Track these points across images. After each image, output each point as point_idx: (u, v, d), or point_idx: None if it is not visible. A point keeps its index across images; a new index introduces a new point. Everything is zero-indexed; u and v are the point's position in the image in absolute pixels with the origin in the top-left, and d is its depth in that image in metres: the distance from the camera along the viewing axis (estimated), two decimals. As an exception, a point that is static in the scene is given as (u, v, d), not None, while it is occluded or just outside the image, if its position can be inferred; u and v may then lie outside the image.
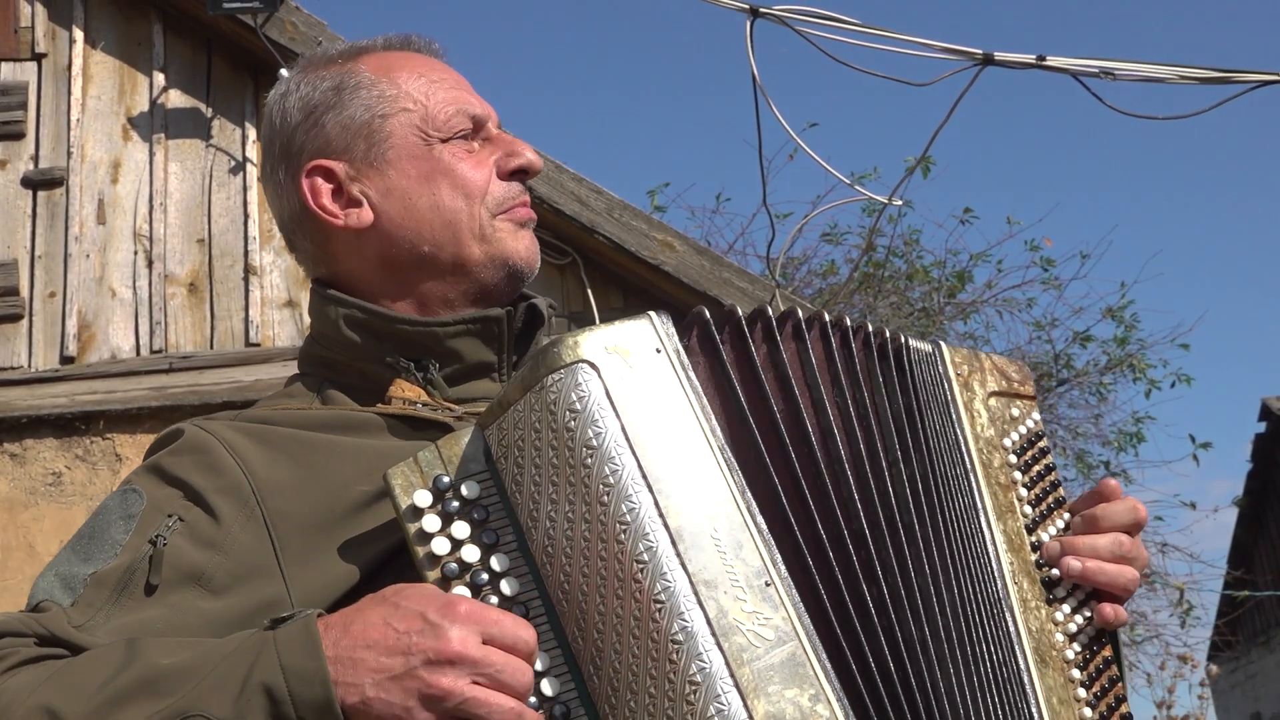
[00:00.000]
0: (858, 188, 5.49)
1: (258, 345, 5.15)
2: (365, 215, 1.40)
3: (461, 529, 1.17)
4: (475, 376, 1.40)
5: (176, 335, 5.18)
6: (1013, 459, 1.39)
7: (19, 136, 5.34)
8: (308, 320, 5.71)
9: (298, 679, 1.08)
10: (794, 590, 1.15)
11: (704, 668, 1.09)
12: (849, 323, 1.29)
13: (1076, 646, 1.33)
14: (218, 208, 5.31)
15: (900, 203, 8.87)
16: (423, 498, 1.17)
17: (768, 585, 1.14)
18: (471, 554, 1.16)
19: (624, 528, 1.12)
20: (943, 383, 1.36)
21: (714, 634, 1.11)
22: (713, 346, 1.22)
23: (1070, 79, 4.22)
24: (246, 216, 5.28)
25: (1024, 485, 1.38)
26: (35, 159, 5.34)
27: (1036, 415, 1.44)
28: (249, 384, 5.01)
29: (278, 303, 5.22)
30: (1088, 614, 1.34)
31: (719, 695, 1.09)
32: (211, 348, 5.16)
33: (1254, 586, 18.32)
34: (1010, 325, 17.27)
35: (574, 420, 1.14)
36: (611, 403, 1.15)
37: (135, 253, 5.25)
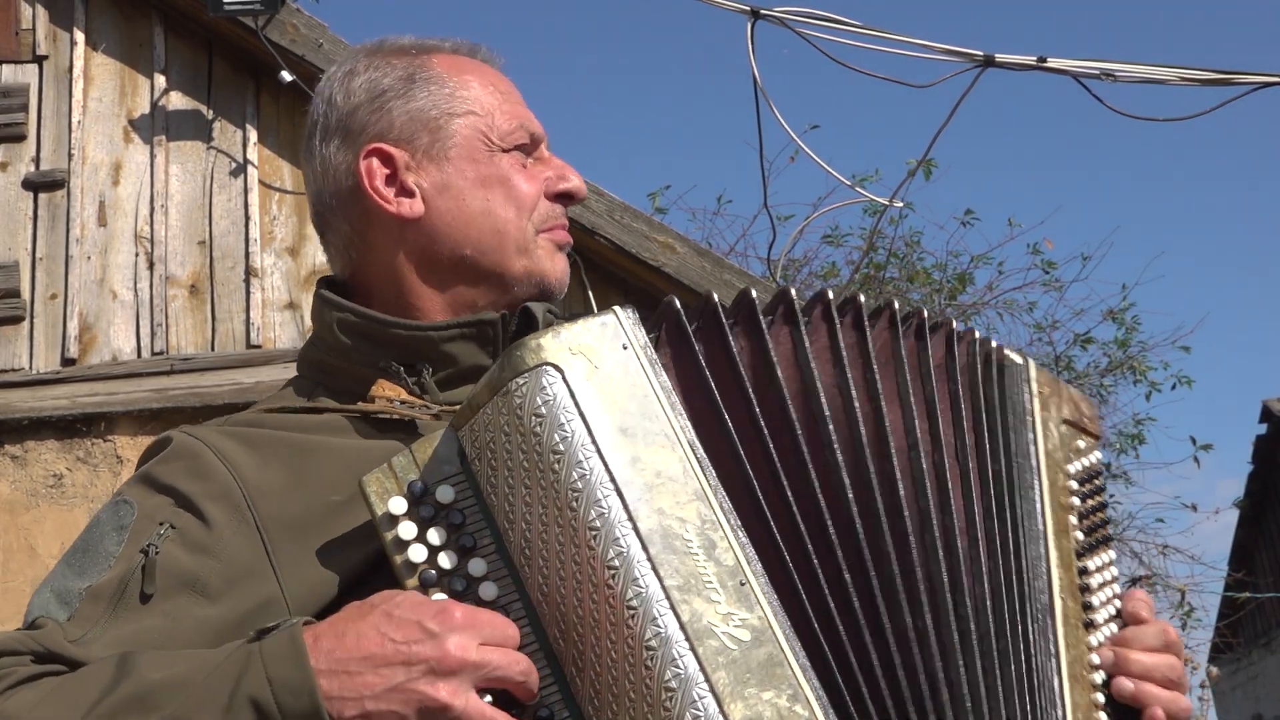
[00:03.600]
0: (859, 189, 5.50)
1: (259, 347, 5.15)
2: (417, 206, 1.39)
3: (437, 535, 1.16)
4: (469, 380, 1.37)
5: (177, 337, 5.18)
6: (1073, 484, 1.40)
7: (20, 138, 5.34)
8: (309, 323, 5.72)
9: (285, 690, 1.07)
10: (770, 588, 1.14)
11: (679, 673, 1.08)
12: (918, 313, 1.33)
13: (1104, 674, 1.33)
14: (219, 210, 5.31)
15: (901, 204, 8.87)
16: (397, 504, 1.16)
17: (742, 585, 1.12)
18: (449, 560, 1.15)
19: (594, 533, 1.11)
20: (1023, 390, 1.38)
21: (688, 638, 1.09)
22: (685, 339, 1.21)
23: (1071, 80, 4.22)
24: (248, 219, 5.28)
25: (1079, 513, 1.38)
26: (36, 161, 5.34)
27: (1099, 454, 1.45)
28: (250, 386, 5.01)
29: (279, 305, 5.22)
30: None
31: (695, 701, 1.08)
32: (212, 349, 5.16)
33: (1255, 588, 18.30)
34: (1011, 327, 17.20)
35: (540, 425, 1.13)
36: (577, 405, 1.13)
37: (136, 255, 5.25)
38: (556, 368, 1.14)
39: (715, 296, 1.23)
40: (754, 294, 1.25)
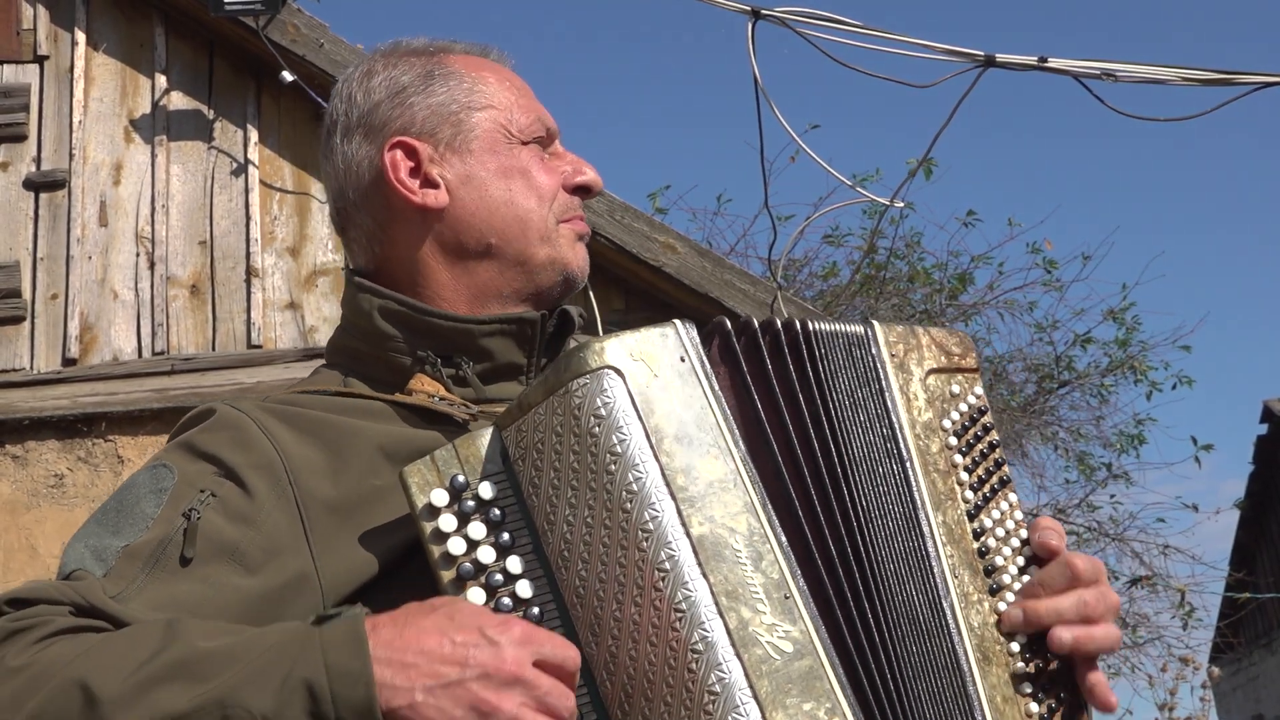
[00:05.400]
0: (860, 189, 5.49)
1: (259, 347, 5.15)
2: (441, 197, 1.41)
3: (478, 529, 1.17)
4: (503, 378, 1.41)
5: (178, 337, 5.18)
6: (953, 440, 1.34)
7: (21, 138, 5.34)
8: (309, 323, 5.71)
9: (341, 679, 1.07)
10: (811, 604, 1.15)
11: (723, 678, 1.10)
12: (814, 327, 1.28)
13: (1024, 637, 1.28)
14: (219, 210, 5.31)
15: (902, 204, 8.85)
16: (439, 497, 1.17)
17: (787, 598, 1.14)
18: (487, 555, 1.16)
19: (646, 535, 1.12)
20: (876, 368, 1.31)
21: (734, 645, 1.11)
22: (733, 357, 1.23)
23: (1072, 80, 4.22)
24: (248, 219, 5.28)
25: (965, 469, 1.34)
26: (37, 161, 5.34)
27: (979, 390, 1.39)
28: (250, 386, 5.01)
29: (279, 305, 5.23)
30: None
31: (738, 705, 1.09)
32: (213, 349, 5.16)
33: (1255, 588, 18.30)
34: (1012, 327, 17.24)
35: (598, 426, 1.14)
36: (636, 410, 1.15)
37: (137, 255, 5.25)
38: (618, 372, 1.16)
39: (755, 320, 1.25)
40: (780, 323, 1.27)
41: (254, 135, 5.36)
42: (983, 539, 1.32)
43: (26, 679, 1.09)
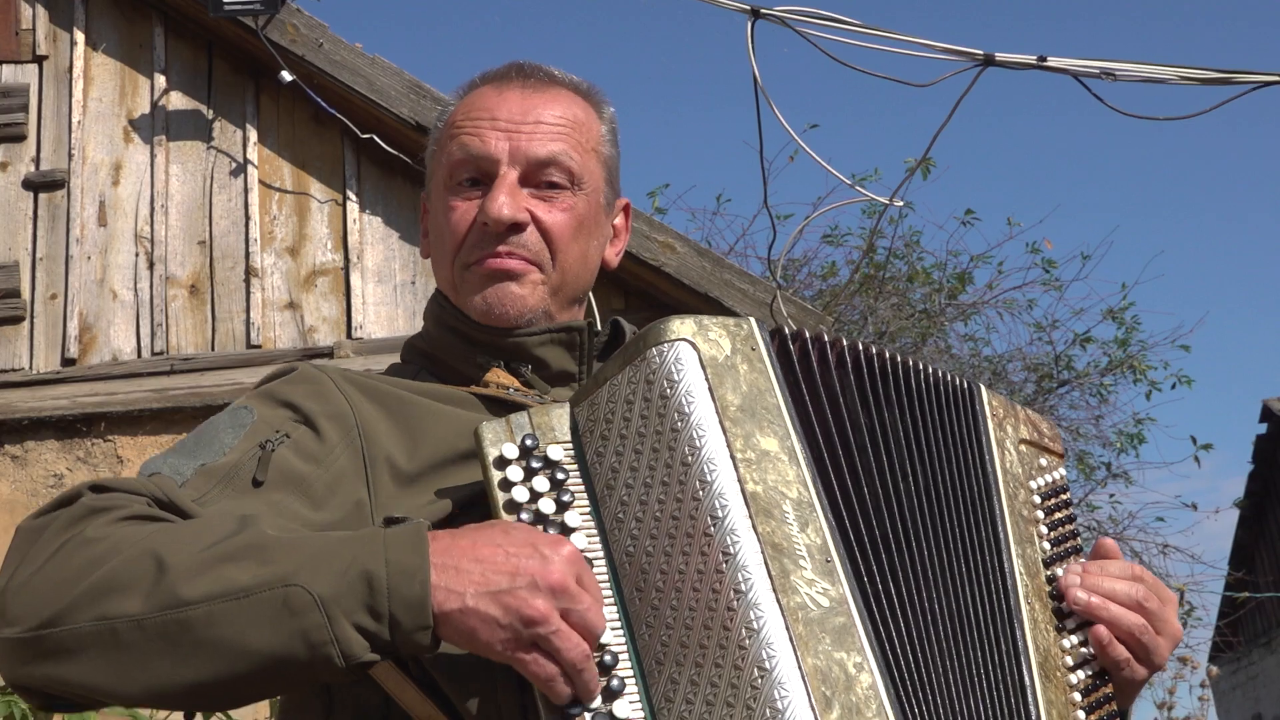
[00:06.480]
0: (859, 189, 5.49)
1: (259, 347, 5.15)
2: (427, 248, 1.55)
3: (542, 483, 1.24)
4: (558, 384, 1.48)
5: (177, 337, 5.18)
6: (1036, 499, 1.44)
7: (20, 139, 5.34)
8: (309, 323, 5.69)
9: (399, 573, 1.12)
10: (851, 574, 1.21)
11: (760, 616, 1.15)
12: (888, 354, 1.36)
13: (1082, 674, 1.35)
14: (219, 210, 5.31)
15: (901, 204, 8.86)
16: (510, 450, 1.25)
17: (828, 562, 1.20)
18: (548, 506, 1.23)
19: (703, 486, 1.19)
20: (976, 416, 1.42)
21: (774, 590, 1.16)
22: (787, 357, 1.29)
23: (1071, 79, 4.22)
24: (248, 219, 5.28)
25: (1045, 525, 1.43)
26: (36, 161, 5.34)
27: (1063, 471, 1.50)
28: (250, 386, 5.01)
29: (278, 305, 5.23)
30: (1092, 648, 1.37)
31: (771, 643, 1.14)
32: (212, 349, 5.16)
33: (1255, 588, 18.31)
34: (1011, 327, 17.29)
35: (670, 389, 1.23)
36: (706, 379, 1.24)
37: (136, 255, 5.26)
38: (693, 345, 1.25)
39: (804, 329, 1.32)
40: (825, 334, 1.34)
41: (253, 135, 5.36)
42: (1054, 585, 1.39)
43: (103, 548, 1.15)
